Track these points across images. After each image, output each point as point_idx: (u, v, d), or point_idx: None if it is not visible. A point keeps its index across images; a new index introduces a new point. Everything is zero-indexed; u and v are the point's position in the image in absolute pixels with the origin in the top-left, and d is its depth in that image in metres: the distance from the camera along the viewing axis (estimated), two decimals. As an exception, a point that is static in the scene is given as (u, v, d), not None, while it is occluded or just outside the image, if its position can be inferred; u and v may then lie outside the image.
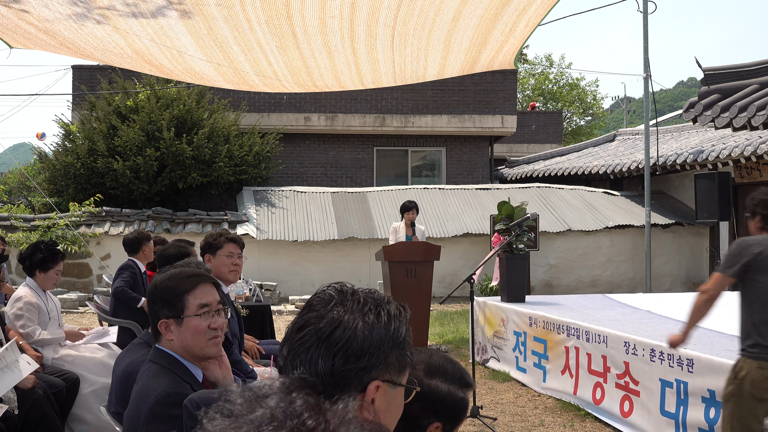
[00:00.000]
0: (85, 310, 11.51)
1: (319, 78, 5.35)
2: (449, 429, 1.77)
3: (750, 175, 12.07)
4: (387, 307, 1.34)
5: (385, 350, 1.29)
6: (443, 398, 1.75)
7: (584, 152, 18.63)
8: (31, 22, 4.25)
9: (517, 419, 5.56)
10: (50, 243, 5.09)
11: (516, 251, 7.23)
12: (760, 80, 11.46)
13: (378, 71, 5.17)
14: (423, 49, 4.65)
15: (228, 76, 5.38)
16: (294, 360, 1.27)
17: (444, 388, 1.75)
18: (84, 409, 4.63)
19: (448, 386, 1.76)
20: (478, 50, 4.72)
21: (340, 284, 1.37)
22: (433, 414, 1.74)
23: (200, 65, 5.06)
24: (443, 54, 4.76)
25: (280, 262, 13.26)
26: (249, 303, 6.19)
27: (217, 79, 5.60)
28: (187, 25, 4.23)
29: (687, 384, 4.42)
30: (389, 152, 17.35)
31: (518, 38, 4.54)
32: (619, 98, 46.16)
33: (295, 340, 1.29)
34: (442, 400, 1.75)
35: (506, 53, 4.84)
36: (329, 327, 1.27)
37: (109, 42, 4.55)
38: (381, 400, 1.28)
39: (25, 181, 17.49)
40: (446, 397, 1.75)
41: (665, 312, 6.57)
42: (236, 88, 6.04)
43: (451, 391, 1.75)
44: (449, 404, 1.75)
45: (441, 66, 5.07)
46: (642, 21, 12.37)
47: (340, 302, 1.31)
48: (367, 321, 1.29)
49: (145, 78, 14.63)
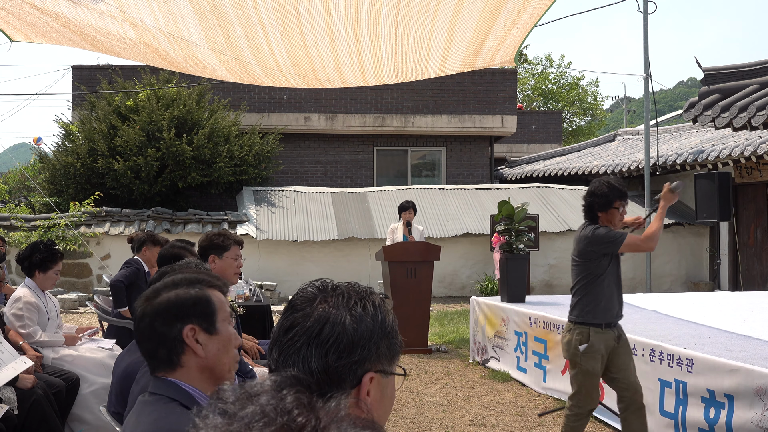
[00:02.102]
0: (85, 310, 11.52)
1: (320, 69, 5.30)
2: (206, 326, 1.89)
3: (750, 175, 12.07)
4: (371, 298, 1.34)
5: (375, 341, 1.29)
6: (175, 303, 1.88)
7: (584, 152, 18.63)
8: (34, 5, 4.24)
9: (517, 419, 5.56)
10: (49, 243, 5.09)
11: (516, 251, 7.24)
12: (760, 80, 11.46)
13: (380, 63, 5.14)
14: (426, 38, 4.62)
15: (230, 65, 5.33)
16: (286, 362, 1.26)
17: (171, 295, 1.89)
18: (84, 409, 4.63)
19: (174, 292, 1.90)
20: (480, 42, 4.69)
21: (320, 281, 1.36)
22: (174, 322, 1.86)
23: (203, 53, 5.02)
24: (446, 45, 4.74)
25: (280, 262, 13.27)
26: (249, 303, 6.19)
27: (218, 69, 5.55)
28: (192, 1, 4.20)
29: (686, 384, 4.42)
30: (389, 152, 17.35)
31: (521, 30, 4.52)
32: (619, 98, 46.16)
33: (285, 342, 1.28)
34: (174, 305, 1.88)
35: (508, 47, 4.82)
36: (317, 325, 1.27)
37: (111, 24, 4.52)
38: (376, 391, 1.29)
39: (25, 181, 17.49)
40: (177, 300, 1.89)
41: (674, 312, 6.57)
42: (237, 80, 6.00)
43: (179, 294, 1.90)
44: (185, 303, 1.89)
45: (443, 58, 5.03)
46: (642, 21, 12.37)
47: (323, 299, 1.31)
48: (354, 314, 1.29)
49: (145, 78, 14.64)
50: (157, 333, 1.86)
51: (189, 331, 1.86)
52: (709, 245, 13.73)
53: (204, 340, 1.87)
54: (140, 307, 1.92)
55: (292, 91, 16.47)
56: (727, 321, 5.87)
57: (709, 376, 4.23)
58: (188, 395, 1.81)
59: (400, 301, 7.87)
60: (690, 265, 13.98)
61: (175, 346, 1.85)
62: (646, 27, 12.47)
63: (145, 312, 1.90)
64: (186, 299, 1.90)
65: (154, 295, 1.92)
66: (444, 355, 8.07)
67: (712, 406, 4.18)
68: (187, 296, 1.90)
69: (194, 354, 1.86)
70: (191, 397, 1.81)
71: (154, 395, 1.82)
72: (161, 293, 1.91)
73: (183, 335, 1.85)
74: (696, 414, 4.29)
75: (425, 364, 7.53)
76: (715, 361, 4.23)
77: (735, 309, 6.83)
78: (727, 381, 4.10)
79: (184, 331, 1.85)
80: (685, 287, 13.63)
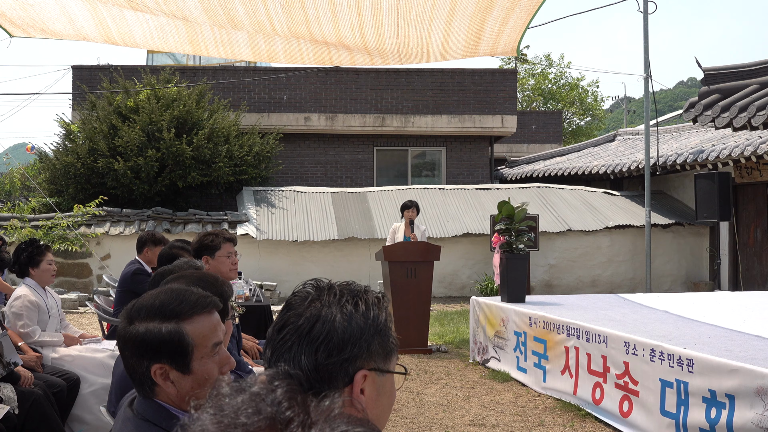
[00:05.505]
0: (85, 310, 11.51)
1: (317, 31, 5.23)
2: (178, 366, 1.71)
3: (750, 175, 12.07)
4: (364, 296, 1.34)
5: (366, 339, 1.29)
6: (143, 339, 1.70)
7: (584, 152, 18.63)
8: None
9: (517, 419, 5.56)
10: (30, 241, 5.10)
11: (516, 251, 7.23)
12: (760, 80, 11.47)
13: (382, 37, 5.06)
14: (428, 11, 4.56)
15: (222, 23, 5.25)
16: (278, 360, 1.28)
17: (141, 329, 1.71)
18: (84, 410, 4.63)
19: (145, 326, 1.71)
20: (482, 17, 4.60)
21: (317, 280, 1.37)
22: (143, 358, 1.70)
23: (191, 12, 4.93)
24: (447, 18, 4.66)
25: (280, 262, 13.27)
26: (249, 303, 6.19)
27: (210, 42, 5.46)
28: None
29: (687, 384, 4.41)
30: (389, 152, 17.35)
31: (525, 9, 4.44)
32: (619, 98, 46.18)
33: (277, 341, 1.29)
34: (142, 342, 1.70)
35: (512, 30, 4.75)
36: (308, 323, 1.28)
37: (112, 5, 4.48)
38: (371, 389, 1.29)
39: (25, 181, 17.49)
40: (146, 337, 1.70)
41: (674, 312, 6.57)
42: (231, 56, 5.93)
43: (150, 329, 1.70)
44: (152, 342, 1.70)
45: (445, 33, 4.94)
46: (642, 21, 12.37)
47: (317, 298, 1.32)
48: (345, 312, 1.29)
49: (145, 78, 14.65)
50: (128, 361, 1.74)
51: (158, 370, 1.71)
52: (709, 245, 13.73)
53: (176, 378, 1.72)
54: (119, 326, 1.79)
55: (292, 91, 16.49)
56: (727, 321, 5.87)
57: (710, 376, 4.23)
58: (172, 418, 1.69)
59: (400, 301, 7.87)
60: (690, 265, 13.98)
61: (145, 380, 1.73)
62: (646, 27, 12.47)
63: (119, 335, 1.76)
64: (154, 338, 1.70)
65: (129, 319, 1.75)
66: (444, 355, 8.07)
67: (714, 407, 4.17)
68: (156, 334, 1.70)
69: (164, 389, 1.73)
70: (176, 420, 1.66)
71: (137, 415, 1.73)
72: (135, 320, 1.74)
73: (151, 373, 1.71)
74: (697, 414, 4.29)
75: (425, 364, 7.52)
76: (715, 362, 4.22)
77: (735, 309, 6.84)
78: (727, 381, 4.09)
79: (152, 369, 1.70)
80: (685, 287, 13.63)
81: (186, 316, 1.74)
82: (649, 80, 12.57)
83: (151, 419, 1.70)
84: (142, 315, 1.73)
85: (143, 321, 1.72)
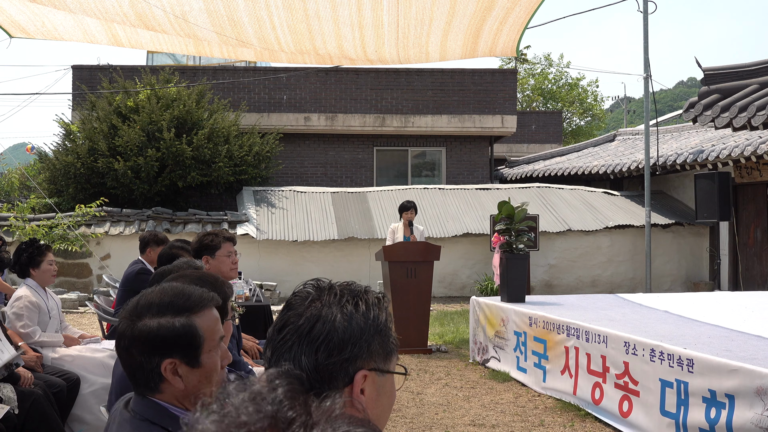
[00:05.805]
0: (85, 310, 11.52)
1: (321, 45, 5.24)
2: (188, 360, 1.74)
3: (750, 175, 12.08)
4: (365, 296, 1.34)
5: (366, 339, 1.29)
6: (157, 334, 1.71)
7: (584, 152, 18.63)
8: None
9: (517, 419, 5.56)
10: (30, 241, 5.10)
11: (516, 251, 7.23)
12: (760, 80, 11.47)
13: (381, 37, 5.06)
14: (428, 9, 4.55)
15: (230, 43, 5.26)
16: (278, 360, 1.28)
17: (153, 324, 1.72)
18: (84, 410, 4.64)
19: (158, 321, 1.73)
20: (482, 18, 4.59)
21: (317, 281, 1.37)
22: (154, 353, 1.71)
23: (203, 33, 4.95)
24: (447, 18, 4.66)
25: (280, 262, 13.27)
26: (249, 303, 6.19)
27: (215, 47, 5.46)
28: None
29: (687, 384, 4.42)
30: (389, 152, 17.36)
31: (524, 8, 4.44)
32: (619, 98, 46.19)
33: (277, 341, 1.29)
34: (156, 337, 1.71)
35: (510, 31, 4.75)
36: (308, 323, 1.28)
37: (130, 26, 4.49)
38: (371, 389, 1.29)
39: (25, 181, 17.49)
40: (159, 332, 1.71)
41: (674, 312, 6.57)
42: (234, 57, 5.95)
43: (163, 324, 1.72)
44: (167, 336, 1.72)
45: (444, 33, 4.94)
46: (642, 21, 12.37)
47: (317, 298, 1.32)
48: (345, 312, 1.29)
49: (145, 78, 14.65)
50: (135, 359, 1.74)
51: (168, 365, 1.73)
52: (709, 245, 13.73)
53: (185, 372, 1.74)
54: (122, 324, 1.77)
55: (292, 90, 16.49)
56: (727, 321, 5.87)
57: (710, 376, 4.23)
58: (171, 417, 1.71)
59: (400, 301, 7.87)
60: (690, 265, 13.98)
61: (152, 376, 1.73)
62: (646, 27, 12.47)
63: (124, 334, 1.75)
64: (169, 333, 1.73)
65: (136, 316, 1.75)
66: (444, 355, 8.07)
67: (713, 407, 4.18)
68: (170, 329, 1.73)
69: (172, 384, 1.74)
70: (175, 419, 1.70)
71: (135, 416, 1.72)
72: (144, 317, 1.74)
73: (161, 369, 1.72)
74: (697, 414, 4.29)
75: (425, 364, 7.53)
76: (715, 362, 4.23)
77: (735, 309, 6.84)
78: (727, 381, 4.10)
79: (163, 365, 1.72)
80: (685, 287, 13.63)
81: (196, 309, 1.79)
82: (649, 80, 12.57)
83: (150, 418, 1.71)
84: (153, 311, 1.75)
85: (155, 317, 1.74)
